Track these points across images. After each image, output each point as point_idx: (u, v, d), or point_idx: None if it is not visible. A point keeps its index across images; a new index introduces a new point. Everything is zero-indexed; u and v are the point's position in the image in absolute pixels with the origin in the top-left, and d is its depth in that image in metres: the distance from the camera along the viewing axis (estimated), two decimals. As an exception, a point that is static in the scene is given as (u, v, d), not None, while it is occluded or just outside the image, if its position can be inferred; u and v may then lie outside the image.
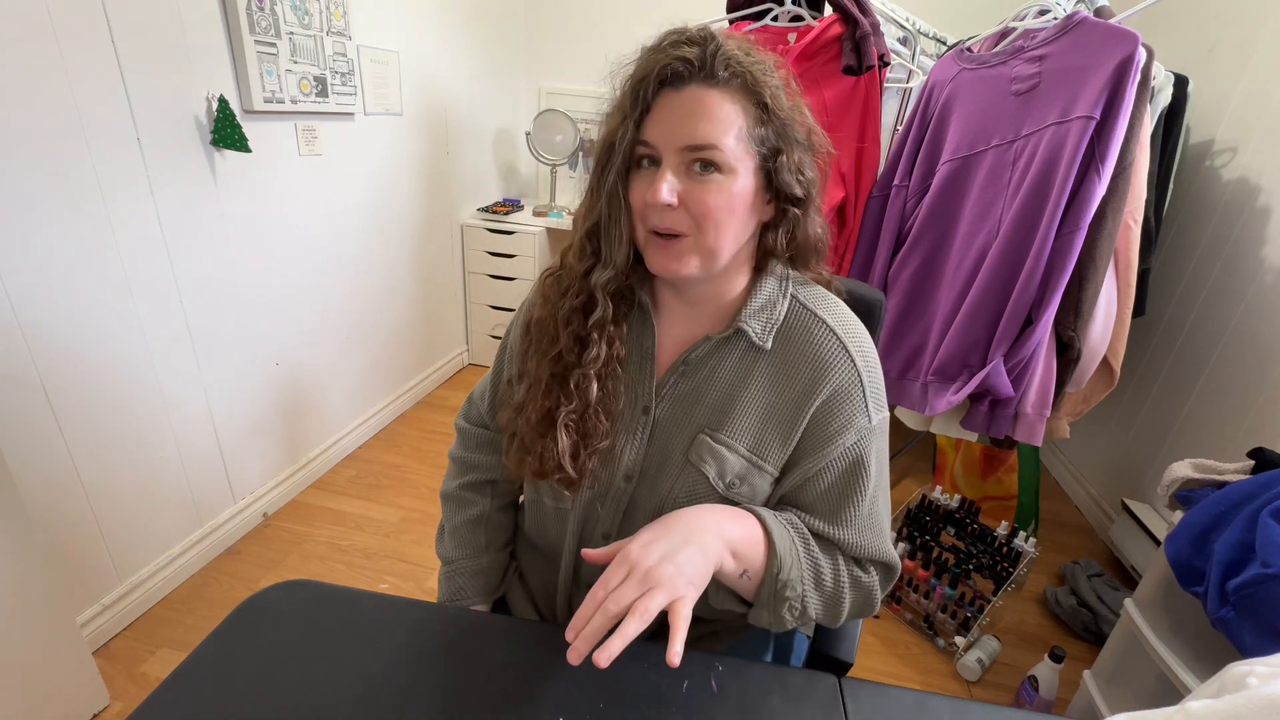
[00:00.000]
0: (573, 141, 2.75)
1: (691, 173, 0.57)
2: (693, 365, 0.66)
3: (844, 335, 0.64)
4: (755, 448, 0.64)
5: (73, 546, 1.30)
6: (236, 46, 1.45)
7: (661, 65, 0.56)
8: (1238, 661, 0.45)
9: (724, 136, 0.56)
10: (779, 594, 0.61)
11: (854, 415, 0.63)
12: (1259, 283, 1.55)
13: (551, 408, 0.65)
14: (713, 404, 0.65)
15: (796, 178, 0.61)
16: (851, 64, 1.50)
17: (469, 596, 0.79)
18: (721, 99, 0.56)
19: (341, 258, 1.97)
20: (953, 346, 1.39)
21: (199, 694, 0.56)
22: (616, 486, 0.68)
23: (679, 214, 0.58)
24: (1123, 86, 1.15)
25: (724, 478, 0.64)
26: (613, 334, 0.65)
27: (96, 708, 1.24)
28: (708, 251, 0.59)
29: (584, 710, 0.56)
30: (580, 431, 0.65)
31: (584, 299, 0.65)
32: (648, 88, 0.57)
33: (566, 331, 0.65)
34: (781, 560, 0.60)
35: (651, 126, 0.58)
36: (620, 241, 0.62)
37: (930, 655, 1.54)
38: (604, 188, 0.61)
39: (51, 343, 1.20)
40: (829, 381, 0.62)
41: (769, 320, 0.64)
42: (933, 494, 1.83)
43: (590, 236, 0.64)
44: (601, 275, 0.63)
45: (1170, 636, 1.09)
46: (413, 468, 2.10)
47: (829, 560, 0.64)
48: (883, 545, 0.66)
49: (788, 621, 0.62)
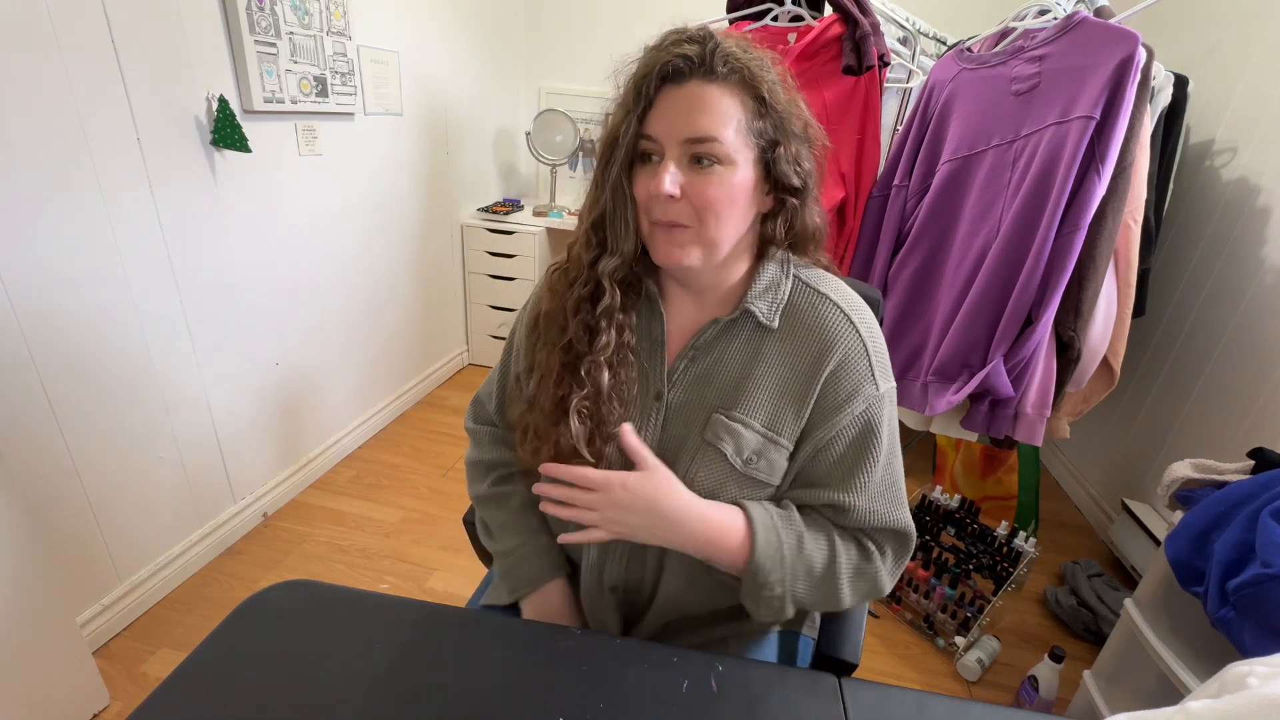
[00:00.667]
0: (573, 141, 2.75)
1: (693, 165, 0.59)
2: (702, 349, 0.68)
3: (847, 308, 0.67)
4: (770, 423, 0.66)
5: (73, 546, 1.30)
6: (236, 46, 1.45)
7: (663, 62, 0.58)
8: (1238, 661, 0.45)
9: (723, 129, 0.58)
10: (758, 591, 0.65)
11: (861, 383, 0.65)
12: (1259, 283, 1.55)
13: (564, 395, 0.66)
14: (724, 385, 0.67)
15: (794, 169, 0.63)
16: (851, 64, 1.50)
17: (544, 575, 0.75)
18: (721, 93, 0.59)
19: (341, 258, 1.97)
20: (953, 346, 1.39)
21: (199, 694, 0.56)
22: None
23: (681, 205, 0.60)
24: (1123, 86, 1.15)
25: (741, 454, 0.66)
26: (622, 321, 0.67)
27: (96, 708, 1.24)
28: (709, 241, 0.62)
29: (584, 710, 0.56)
30: (595, 418, 0.66)
31: (591, 288, 0.67)
32: (650, 84, 0.59)
33: (575, 320, 0.67)
34: (758, 560, 0.63)
35: (654, 121, 0.60)
36: (627, 232, 0.64)
37: (930, 655, 1.54)
38: (608, 181, 0.63)
39: (51, 342, 1.20)
40: (835, 352, 0.65)
41: (774, 300, 0.67)
42: (933, 494, 1.83)
43: (596, 228, 0.66)
44: (609, 263, 0.65)
45: (1170, 636, 1.09)
46: (413, 468, 2.10)
47: (825, 555, 0.66)
48: (896, 513, 0.68)
49: (770, 612, 0.66)
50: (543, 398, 0.68)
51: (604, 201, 0.64)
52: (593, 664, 0.62)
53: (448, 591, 1.61)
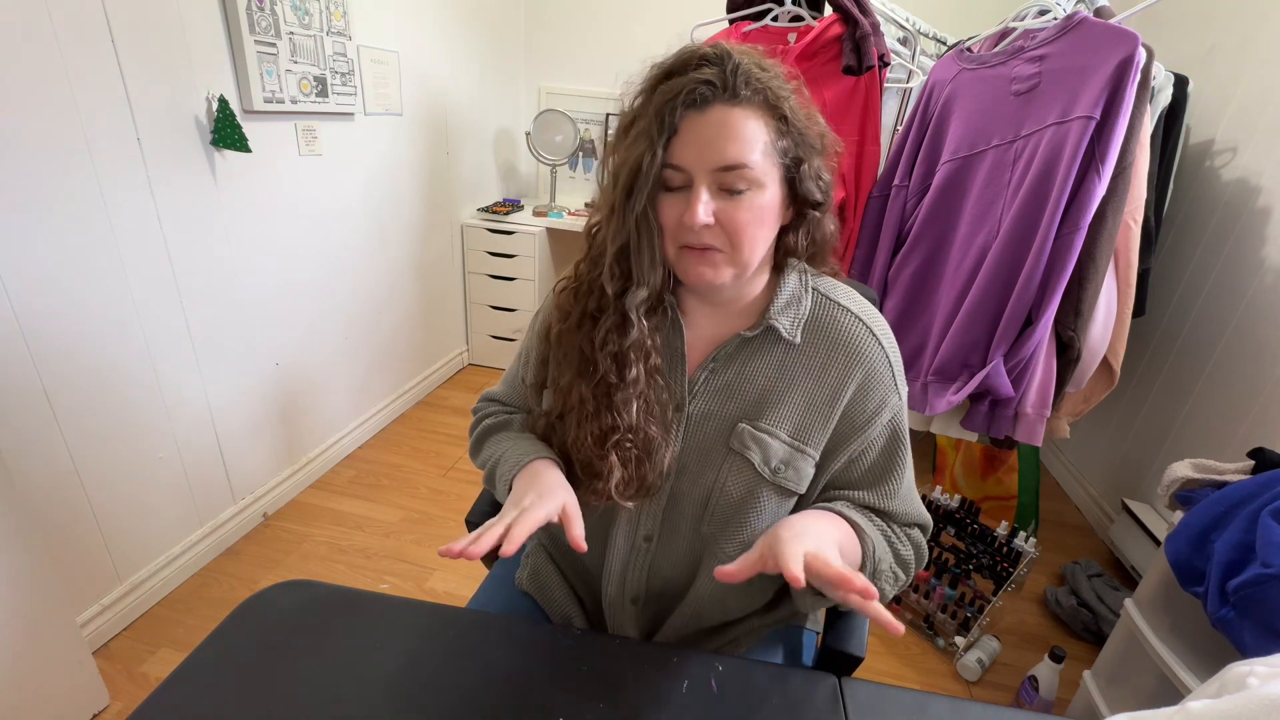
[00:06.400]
0: (573, 141, 2.75)
1: (723, 191, 0.59)
2: (722, 361, 0.68)
3: (868, 321, 0.68)
4: (797, 433, 0.67)
5: (73, 546, 1.30)
6: (236, 46, 1.45)
7: (687, 90, 0.57)
8: (1238, 661, 0.45)
9: (751, 154, 0.58)
10: (877, 571, 0.64)
11: (887, 395, 0.67)
12: (1259, 283, 1.55)
13: (606, 431, 0.66)
14: (748, 397, 0.67)
15: (817, 184, 0.64)
16: (851, 64, 1.50)
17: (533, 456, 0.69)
18: (746, 116, 0.58)
19: (341, 258, 1.97)
20: (953, 346, 1.39)
21: (199, 694, 0.56)
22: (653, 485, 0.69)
23: (714, 231, 0.60)
24: (1123, 86, 1.15)
25: (769, 463, 0.66)
26: (649, 349, 0.67)
27: (96, 708, 1.24)
28: (742, 263, 0.62)
29: (584, 710, 0.56)
30: (644, 448, 0.66)
31: (616, 319, 0.66)
32: (673, 111, 0.58)
33: (604, 353, 0.66)
34: (875, 543, 0.64)
35: (680, 149, 0.59)
36: (654, 263, 0.63)
37: (930, 655, 1.54)
38: (632, 211, 0.61)
39: (52, 343, 1.20)
40: (861, 366, 0.66)
41: (796, 315, 0.67)
42: (933, 494, 1.83)
43: (620, 259, 0.65)
44: (636, 296, 0.64)
45: (1170, 636, 1.09)
46: (413, 468, 2.10)
47: (889, 529, 0.69)
48: (919, 508, 0.72)
49: (888, 594, 0.66)
50: (583, 431, 0.67)
51: (628, 231, 0.62)
52: (593, 664, 0.62)
53: (448, 591, 1.61)
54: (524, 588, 0.84)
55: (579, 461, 0.69)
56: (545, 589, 0.82)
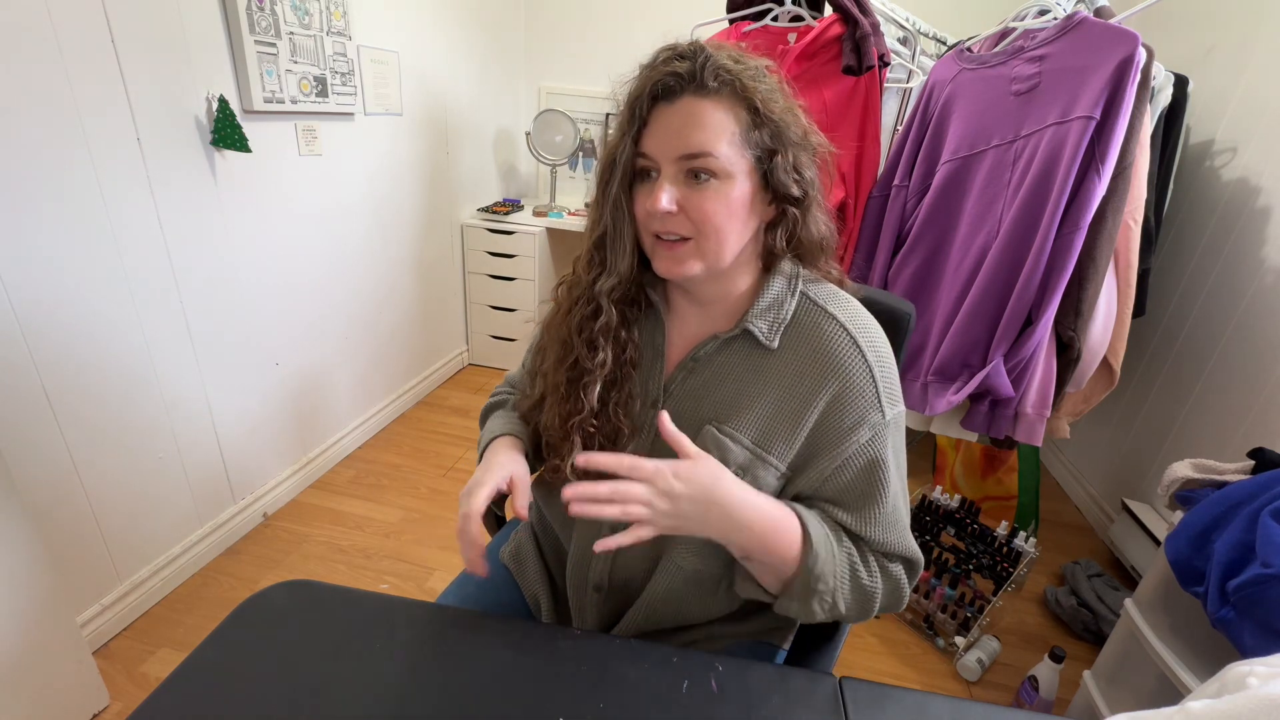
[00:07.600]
0: (573, 141, 2.75)
1: (689, 180, 0.60)
2: (700, 362, 0.68)
3: (855, 330, 0.65)
4: (759, 440, 0.65)
5: (73, 546, 1.30)
6: (236, 46, 1.45)
7: (654, 81, 0.59)
8: (1238, 661, 0.45)
9: (717, 143, 0.59)
10: (811, 585, 0.62)
11: (867, 411, 0.63)
12: (1259, 283, 1.55)
13: (571, 413, 0.68)
14: (720, 399, 0.67)
15: (793, 178, 0.62)
16: (851, 64, 1.50)
17: (501, 431, 0.75)
18: (713, 107, 0.59)
19: (341, 258, 1.97)
20: (953, 346, 1.39)
21: (199, 694, 0.56)
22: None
23: (680, 219, 0.61)
24: (1123, 86, 1.15)
25: (728, 467, 0.65)
26: (624, 338, 0.68)
27: (96, 708, 1.24)
28: (710, 254, 0.62)
29: (584, 710, 0.56)
30: (609, 437, 0.68)
31: (593, 307, 0.68)
32: (642, 104, 0.60)
33: (580, 339, 0.68)
34: (817, 553, 0.61)
35: (649, 139, 0.61)
36: (624, 250, 0.65)
37: (930, 655, 1.54)
38: (608, 200, 0.64)
39: (51, 342, 1.20)
40: (839, 377, 0.63)
41: (776, 319, 0.66)
42: (933, 494, 1.83)
43: (598, 247, 0.67)
44: (606, 283, 0.67)
45: (1170, 636, 1.09)
46: (413, 468, 2.10)
47: (859, 554, 0.66)
48: (905, 540, 0.67)
49: (817, 614, 0.63)
50: (550, 415, 0.70)
51: (604, 221, 0.65)
52: (593, 664, 0.62)
53: (448, 591, 1.61)
54: (504, 561, 0.86)
55: (546, 442, 0.71)
56: (522, 565, 0.84)
